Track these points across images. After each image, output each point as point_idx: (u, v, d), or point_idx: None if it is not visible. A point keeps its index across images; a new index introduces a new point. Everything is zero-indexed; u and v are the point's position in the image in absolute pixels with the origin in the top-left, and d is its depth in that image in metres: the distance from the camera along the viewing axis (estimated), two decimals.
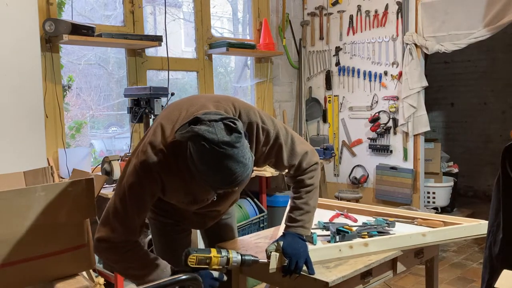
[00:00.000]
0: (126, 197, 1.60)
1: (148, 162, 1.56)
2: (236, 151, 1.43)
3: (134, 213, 1.61)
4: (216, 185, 1.49)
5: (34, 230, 1.67)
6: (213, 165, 1.43)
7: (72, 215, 1.77)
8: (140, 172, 1.58)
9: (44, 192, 1.69)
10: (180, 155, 1.56)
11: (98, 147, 4.18)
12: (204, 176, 1.47)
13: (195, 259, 1.59)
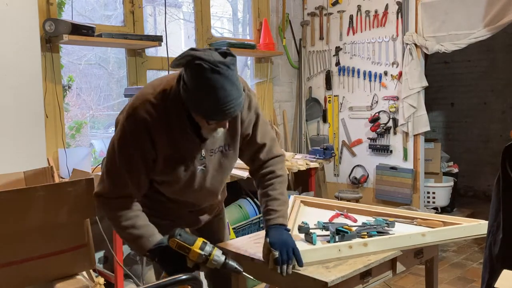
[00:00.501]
0: (115, 152, 1.61)
1: (136, 114, 1.58)
2: (232, 73, 1.46)
3: (124, 169, 1.61)
4: (211, 111, 1.49)
5: (34, 230, 1.68)
6: (210, 85, 1.44)
7: (72, 215, 1.77)
8: (128, 124, 1.59)
9: (44, 192, 1.69)
10: (168, 107, 1.59)
11: (98, 147, 4.18)
12: (200, 102, 1.48)
13: (175, 244, 1.57)
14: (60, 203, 1.73)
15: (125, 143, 1.61)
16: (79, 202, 1.79)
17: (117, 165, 1.62)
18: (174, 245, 1.57)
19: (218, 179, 1.85)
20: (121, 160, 1.62)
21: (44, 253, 1.70)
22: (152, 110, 1.59)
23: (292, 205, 2.42)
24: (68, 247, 1.76)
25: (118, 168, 1.62)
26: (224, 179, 1.90)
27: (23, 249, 1.66)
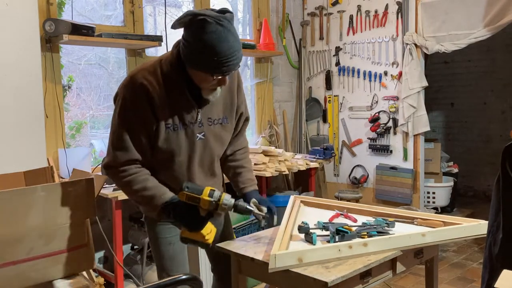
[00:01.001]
0: (117, 120, 1.70)
1: (134, 81, 1.67)
2: (232, 27, 1.57)
3: (126, 135, 1.69)
4: (217, 63, 1.56)
5: (34, 230, 1.68)
6: (215, 38, 1.53)
7: (72, 215, 1.77)
8: (128, 92, 1.68)
9: (44, 192, 1.69)
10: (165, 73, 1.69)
11: (98, 147, 4.18)
12: (206, 56, 1.55)
13: (185, 196, 1.65)
14: (60, 203, 1.73)
15: (126, 110, 1.69)
16: (79, 202, 1.79)
17: (120, 131, 1.69)
18: (184, 197, 1.65)
19: (217, 152, 1.91)
20: (123, 126, 1.69)
21: (44, 253, 1.70)
22: (149, 77, 1.67)
23: (292, 205, 2.42)
24: (68, 247, 1.76)
25: (121, 135, 1.69)
26: (221, 152, 1.96)
27: (23, 249, 1.66)
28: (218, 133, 1.86)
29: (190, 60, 1.62)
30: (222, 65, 1.58)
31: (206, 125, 1.80)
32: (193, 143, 1.79)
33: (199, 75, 1.65)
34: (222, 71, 1.61)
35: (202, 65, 1.60)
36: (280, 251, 1.70)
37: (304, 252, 1.71)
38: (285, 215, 2.23)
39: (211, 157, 1.89)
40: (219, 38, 1.54)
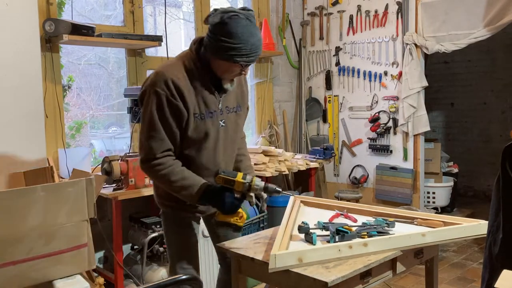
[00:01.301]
0: (152, 114, 1.82)
1: (165, 77, 1.83)
2: (256, 22, 1.83)
3: (160, 126, 1.83)
4: (247, 54, 1.80)
5: (34, 230, 1.67)
6: (247, 32, 1.78)
7: (72, 215, 1.77)
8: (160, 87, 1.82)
9: (44, 192, 1.69)
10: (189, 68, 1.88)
11: (98, 147, 4.19)
12: (237, 48, 1.78)
13: (221, 180, 1.85)
14: (60, 203, 1.73)
15: (159, 104, 1.82)
16: (79, 202, 1.79)
17: (154, 124, 1.83)
18: (220, 181, 1.84)
19: (236, 138, 2.11)
20: (157, 119, 1.83)
21: (44, 253, 1.70)
22: (175, 72, 1.85)
23: (292, 205, 2.42)
24: (68, 247, 1.76)
25: (156, 127, 1.83)
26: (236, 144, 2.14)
27: (23, 249, 1.66)
28: (234, 121, 2.05)
29: (220, 52, 1.81)
30: (250, 56, 1.82)
31: (225, 113, 2.00)
32: (217, 131, 1.97)
33: (224, 65, 1.86)
34: (249, 61, 1.85)
35: (234, 55, 1.80)
36: (280, 251, 1.70)
37: (304, 252, 1.71)
38: (285, 215, 2.23)
39: (232, 143, 2.09)
40: (250, 32, 1.79)
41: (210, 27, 1.83)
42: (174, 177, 1.86)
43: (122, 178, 2.92)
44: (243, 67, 1.88)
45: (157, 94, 1.82)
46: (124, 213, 3.04)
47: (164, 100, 1.82)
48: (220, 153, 2.02)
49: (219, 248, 2.03)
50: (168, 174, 1.86)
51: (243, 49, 1.79)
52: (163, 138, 1.85)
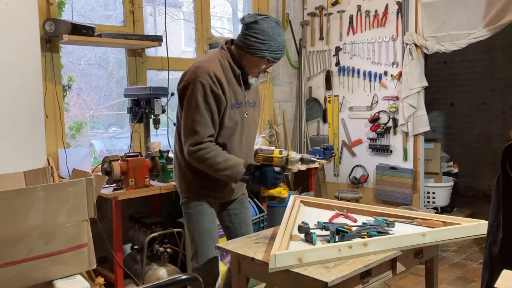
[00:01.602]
0: (197, 102, 2.04)
1: (206, 71, 2.06)
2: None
3: (206, 114, 2.05)
4: (276, 52, 2.13)
5: (34, 230, 1.67)
6: (274, 32, 2.10)
7: (72, 215, 1.77)
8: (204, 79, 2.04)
9: (44, 192, 1.69)
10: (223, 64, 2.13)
11: (98, 147, 4.19)
12: (269, 46, 2.10)
13: (261, 158, 2.05)
14: (60, 203, 1.73)
15: (204, 93, 2.04)
16: (79, 202, 1.79)
17: (200, 111, 2.04)
18: (260, 159, 2.05)
19: (255, 131, 2.37)
20: (202, 107, 2.04)
21: (44, 253, 1.70)
22: (214, 66, 2.10)
23: (292, 205, 2.42)
24: (68, 247, 1.76)
25: (202, 114, 2.04)
26: (255, 136, 2.39)
27: (23, 249, 1.66)
28: (253, 114, 2.30)
29: (251, 47, 2.10)
30: (276, 53, 2.14)
31: (248, 106, 2.25)
32: (242, 121, 2.21)
33: (254, 61, 2.14)
34: (275, 57, 2.16)
35: (263, 50, 2.10)
36: (280, 251, 1.70)
37: (304, 252, 1.71)
38: (285, 215, 2.23)
39: (253, 133, 2.35)
40: (278, 32, 2.12)
41: (244, 26, 2.11)
42: (219, 159, 2.06)
43: (122, 178, 2.92)
44: (269, 63, 2.17)
45: (202, 84, 2.04)
46: (124, 213, 3.04)
47: (208, 89, 2.04)
48: (244, 141, 2.25)
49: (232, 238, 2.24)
50: (214, 156, 2.05)
51: (272, 46, 2.10)
52: (207, 123, 2.06)
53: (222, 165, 2.06)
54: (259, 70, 2.19)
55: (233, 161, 2.09)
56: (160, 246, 3.15)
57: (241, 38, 2.14)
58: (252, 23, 2.09)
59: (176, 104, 2.27)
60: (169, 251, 3.15)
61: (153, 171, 3.06)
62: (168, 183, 3.08)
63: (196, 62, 2.13)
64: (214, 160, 2.05)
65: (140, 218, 3.29)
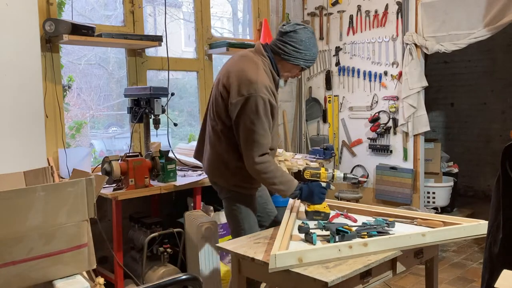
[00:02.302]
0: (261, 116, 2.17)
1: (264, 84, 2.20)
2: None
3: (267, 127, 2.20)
4: (310, 61, 2.32)
5: (34, 230, 1.67)
6: (310, 42, 2.28)
7: (72, 215, 1.77)
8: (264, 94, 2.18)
9: (44, 192, 1.69)
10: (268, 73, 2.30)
11: (98, 147, 4.19)
12: (306, 54, 2.28)
13: (309, 173, 2.24)
14: (60, 203, 1.73)
15: (265, 106, 2.18)
16: (79, 202, 1.79)
17: (263, 124, 2.18)
18: (308, 174, 2.24)
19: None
20: (266, 121, 2.20)
21: (44, 253, 1.70)
22: (267, 77, 2.25)
23: (292, 205, 2.42)
24: (68, 247, 1.76)
25: (266, 127, 2.20)
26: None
27: (23, 249, 1.66)
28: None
29: (288, 55, 2.29)
30: (310, 62, 2.33)
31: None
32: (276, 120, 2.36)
33: (288, 67, 2.34)
34: (308, 66, 2.35)
35: (299, 59, 2.29)
36: (280, 251, 1.70)
37: (304, 252, 1.71)
38: (285, 215, 2.23)
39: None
40: (313, 43, 2.31)
41: (282, 34, 2.28)
42: (278, 173, 2.22)
43: (122, 178, 2.92)
44: (301, 70, 2.38)
45: (262, 99, 2.17)
46: (124, 213, 3.04)
47: (267, 102, 2.19)
48: (275, 138, 2.43)
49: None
50: (274, 170, 2.22)
51: (307, 55, 2.28)
52: (269, 135, 2.23)
53: (278, 180, 2.22)
54: (291, 75, 2.41)
55: (288, 177, 2.26)
56: (160, 246, 3.15)
57: (278, 44, 2.30)
58: (291, 32, 2.26)
59: (176, 104, 2.30)
60: (169, 251, 3.15)
61: (153, 171, 3.06)
62: (168, 183, 3.08)
63: (251, 75, 2.21)
64: (274, 174, 2.22)
65: (140, 218, 3.29)
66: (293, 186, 2.22)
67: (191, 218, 3.05)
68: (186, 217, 3.11)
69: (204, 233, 2.93)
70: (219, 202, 3.67)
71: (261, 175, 2.22)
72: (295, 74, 2.40)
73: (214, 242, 2.92)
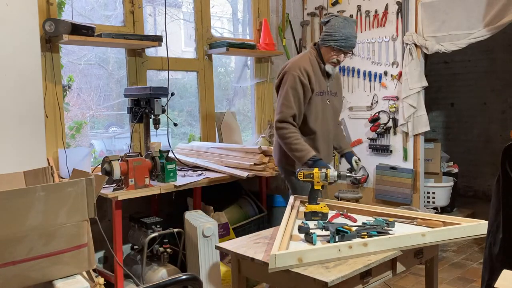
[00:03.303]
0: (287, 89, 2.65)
1: (298, 66, 2.69)
2: (353, 22, 2.70)
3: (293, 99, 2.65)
4: (336, 38, 2.64)
5: (34, 230, 1.67)
6: (340, 25, 2.64)
7: (72, 215, 1.77)
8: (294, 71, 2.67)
9: (44, 192, 1.69)
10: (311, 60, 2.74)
11: (98, 147, 4.18)
12: (341, 37, 2.63)
13: (302, 174, 2.32)
14: (60, 203, 1.73)
15: (294, 82, 2.65)
16: (79, 202, 1.79)
17: (288, 96, 2.65)
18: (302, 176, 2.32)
19: (336, 115, 2.98)
20: (291, 93, 2.65)
21: (44, 253, 1.70)
22: (304, 63, 2.71)
23: (292, 205, 2.42)
24: (68, 247, 1.76)
25: (289, 98, 2.65)
26: (336, 120, 3.00)
27: (23, 249, 1.66)
28: (334, 101, 2.88)
29: (323, 40, 2.70)
30: (341, 42, 2.64)
31: (330, 94, 2.84)
32: (326, 105, 2.80)
33: (326, 52, 2.71)
34: (340, 46, 2.65)
35: (329, 40, 2.66)
36: (280, 251, 1.70)
37: (304, 252, 1.71)
38: (285, 215, 2.23)
39: (335, 117, 2.93)
40: (343, 25, 2.64)
41: (321, 26, 2.65)
42: (294, 141, 2.63)
43: (122, 178, 2.92)
44: (334, 51, 2.68)
45: (292, 75, 2.66)
46: (124, 213, 3.04)
47: (297, 78, 2.65)
48: (329, 123, 2.84)
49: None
50: (292, 138, 2.64)
51: (336, 36, 2.63)
52: (291, 106, 2.65)
53: (295, 147, 2.62)
54: (330, 58, 2.71)
55: (304, 147, 2.61)
56: (160, 246, 3.15)
57: (322, 36, 2.75)
58: (326, 23, 2.70)
59: (176, 104, 2.30)
60: (169, 251, 3.15)
61: (153, 171, 3.06)
62: (168, 183, 3.08)
63: (290, 60, 2.81)
64: (291, 141, 2.63)
65: (140, 218, 3.29)
66: (307, 155, 2.56)
67: (191, 218, 3.05)
68: (186, 217, 3.11)
69: (204, 233, 2.93)
70: (219, 202, 3.68)
71: (281, 140, 2.68)
72: (332, 56, 2.70)
73: (214, 242, 2.93)
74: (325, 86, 2.78)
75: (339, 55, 2.71)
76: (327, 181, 2.29)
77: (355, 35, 2.68)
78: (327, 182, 2.29)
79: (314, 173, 2.28)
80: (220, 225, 3.28)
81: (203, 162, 3.63)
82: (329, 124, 2.85)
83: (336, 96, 2.89)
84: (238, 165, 3.50)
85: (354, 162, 2.84)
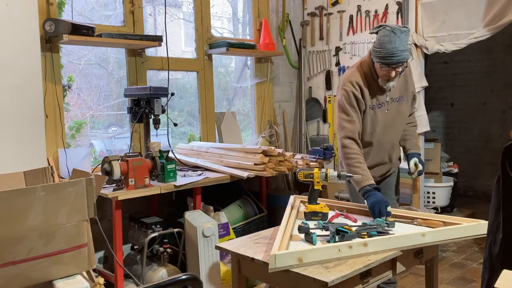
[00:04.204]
0: (344, 105, 2.54)
1: (351, 81, 2.55)
2: (402, 35, 2.38)
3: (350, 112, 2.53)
4: (382, 57, 2.39)
5: (34, 230, 1.67)
6: (385, 40, 2.38)
7: (72, 215, 1.77)
8: (347, 87, 2.54)
9: (44, 192, 1.69)
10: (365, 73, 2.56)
11: (98, 147, 4.18)
12: (379, 52, 2.40)
13: (302, 175, 2.27)
14: (60, 203, 1.73)
15: (349, 99, 2.53)
16: (79, 202, 1.79)
17: (346, 112, 2.53)
18: (302, 176, 2.27)
19: (398, 122, 2.73)
20: (348, 109, 2.53)
21: (44, 253, 1.70)
22: (357, 78, 2.56)
23: (292, 205, 2.42)
24: (68, 247, 1.76)
25: (348, 113, 2.53)
26: (401, 125, 2.78)
27: (23, 249, 1.66)
28: (396, 108, 2.67)
29: (373, 55, 2.47)
30: (386, 59, 2.39)
31: (390, 103, 2.64)
32: (384, 115, 2.63)
33: (378, 68, 2.48)
34: (385, 63, 2.41)
35: (375, 57, 2.44)
36: (280, 251, 1.70)
37: (304, 252, 1.71)
38: (285, 215, 2.23)
39: (396, 125, 2.72)
40: (388, 40, 2.37)
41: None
42: (357, 163, 2.45)
43: (122, 178, 2.92)
44: (386, 70, 2.45)
45: (345, 90, 2.54)
46: (124, 213, 3.04)
47: (351, 93, 2.53)
48: (388, 133, 2.69)
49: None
50: (355, 158, 2.47)
51: (381, 53, 2.40)
52: (353, 120, 2.53)
53: (353, 169, 2.43)
54: (382, 75, 2.52)
55: (363, 172, 2.42)
56: (160, 246, 3.15)
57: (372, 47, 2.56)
58: (374, 34, 2.52)
59: (176, 104, 2.29)
60: (169, 251, 3.15)
61: (153, 171, 3.06)
62: (168, 183, 3.08)
63: (345, 74, 2.67)
64: (352, 162, 2.46)
65: (140, 218, 3.29)
66: (362, 183, 2.38)
67: (191, 218, 3.05)
68: (186, 217, 3.11)
69: (204, 233, 2.93)
70: (219, 202, 3.68)
71: (343, 159, 2.53)
72: (382, 72, 2.49)
73: (214, 242, 2.93)
74: (382, 98, 2.60)
75: (390, 72, 2.46)
76: (327, 181, 2.26)
77: (402, 49, 2.38)
78: (327, 182, 2.27)
79: (314, 173, 2.27)
80: (220, 225, 3.28)
81: (203, 162, 3.63)
82: (388, 134, 2.70)
83: (400, 101, 2.69)
84: (238, 165, 3.50)
85: (413, 165, 2.75)
